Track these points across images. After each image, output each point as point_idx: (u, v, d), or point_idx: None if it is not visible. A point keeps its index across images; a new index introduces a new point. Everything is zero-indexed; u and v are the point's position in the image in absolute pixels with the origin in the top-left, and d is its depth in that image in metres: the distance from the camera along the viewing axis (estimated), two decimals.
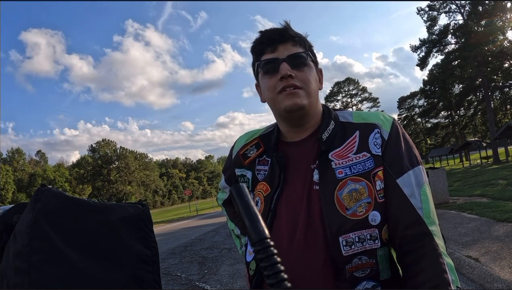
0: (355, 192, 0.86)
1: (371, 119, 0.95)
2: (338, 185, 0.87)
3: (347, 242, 0.83)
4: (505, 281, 3.89)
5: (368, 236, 0.84)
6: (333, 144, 0.93)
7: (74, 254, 0.70)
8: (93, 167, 78.65)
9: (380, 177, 0.88)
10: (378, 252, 0.84)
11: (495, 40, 30.95)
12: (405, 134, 0.96)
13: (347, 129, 0.95)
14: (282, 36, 0.94)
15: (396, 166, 0.89)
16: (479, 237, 5.87)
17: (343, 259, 0.83)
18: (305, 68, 0.94)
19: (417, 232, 0.83)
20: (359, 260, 0.83)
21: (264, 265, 0.41)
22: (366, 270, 0.84)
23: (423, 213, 0.85)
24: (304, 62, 0.94)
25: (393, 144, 0.91)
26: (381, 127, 0.93)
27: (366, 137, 0.92)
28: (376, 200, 0.86)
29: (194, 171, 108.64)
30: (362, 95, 60.31)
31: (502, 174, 16.79)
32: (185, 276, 6.62)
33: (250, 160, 1.06)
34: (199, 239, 11.77)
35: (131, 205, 0.82)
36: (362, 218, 0.84)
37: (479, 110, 43.32)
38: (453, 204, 9.46)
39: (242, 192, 0.46)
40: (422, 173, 0.90)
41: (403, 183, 0.87)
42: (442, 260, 0.79)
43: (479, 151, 36.84)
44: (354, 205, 0.85)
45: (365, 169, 0.88)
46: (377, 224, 0.85)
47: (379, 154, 0.90)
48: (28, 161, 78.06)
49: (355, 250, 0.83)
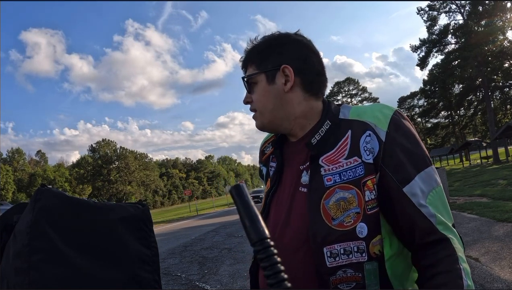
0: (343, 201, 0.81)
1: (365, 116, 0.87)
2: (325, 193, 0.83)
3: (331, 253, 0.80)
4: (505, 281, 3.89)
5: (355, 249, 0.80)
6: (325, 146, 0.88)
7: (74, 254, 0.70)
8: (93, 167, 78.66)
9: (370, 188, 0.82)
10: (365, 266, 0.80)
11: (495, 40, 30.95)
12: (409, 129, 0.87)
13: (342, 128, 0.89)
14: (243, 64, 0.98)
15: (401, 173, 0.82)
16: (479, 237, 5.87)
17: (327, 270, 0.80)
18: (255, 88, 0.94)
19: (433, 240, 0.80)
20: (343, 273, 0.80)
21: (264, 265, 0.41)
22: (351, 284, 0.80)
23: (436, 220, 0.80)
24: (251, 83, 0.95)
25: (393, 147, 0.83)
26: (375, 127, 0.85)
27: (357, 140, 0.85)
28: (365, 211, 0.81)
29: (194, 171, 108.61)
30: (362, 95, 60.34)
31: (502, 174, 16.78)
32: (185, 276, 6.61)
33: (266, 157, 1.07)
34: (199, 239, 11.77)
35: (131, 205, 0.82)
36: (349, 229, 0.80)
37: (479, 110, 43.30)
38: (453, 204, 9.45)
39: (242, 192, 0.45)
40: (432, 175, 0.83)
41: (411, 193, 0.81)
42: (458, 265, 0.76)
43: (479, 151, 36.84)
44: (342, 215, 0.81)
45: (355, 176, 0.82)
46: (364, 237, 0.80)
47: (370, 161, 0.82)
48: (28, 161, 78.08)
49: (340, 262, 0.80)
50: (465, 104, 44.16)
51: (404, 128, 0.86)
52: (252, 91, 0.95)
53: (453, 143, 50.81)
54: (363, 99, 59.86)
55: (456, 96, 42.57)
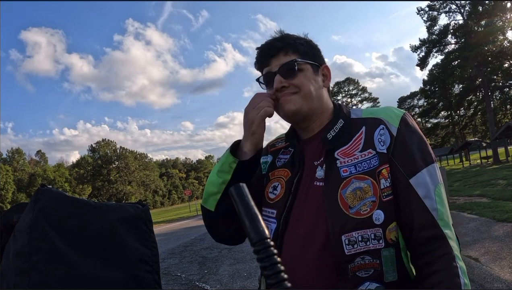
0: (360, 190, 0.85)
1: (378, 114, 0.95)
2: (342, 183, 0.87)
3: (349, 241, 0.83)
4: (505, 281, 3.89)
5: (372, 236, 0.83)
6: (340, 142, 0.93)
7: (74, 254, 0.70)
8: (93, 167, 78.65)
9: (385, 176, 0.87)
10: (382, 253, 0.83)
11: (495, 40, 30.96)
12: (417, 129, 0.93)
13: (355, 126, 0.95)
14: (272, 50, 0.98)
15: (409, 165, 0.87)
16: (479, 237, 5.87)
17: (346, 257, 0.83)
18: (297, 74, 0.96)
19: (431, 235, 0.83)
20: (362, 260, 0.83)
21: (264, 265, 0.41)
22: (369, 271, 0.83)
23: (437, 215, 0.83)
24: (294, 69, 0.96)
25: (403, 141, 0.89)
26: (387, 123, 0.91)
27: (371, 133, 0.91)
28: (381, 199, 0.85)
29: (194, 171, 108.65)
30: (362, 95, 60.30)
31: (502, 174, 16.78)
32: (185, 276, 6.62)
33: (276, 149, 1.11)
34: (199, 239, 11.77)
35: (131, 205, 0.82)
36: (366, 217, 0.84)
37: (479, 110, 43.32)
38: (453, 204, 9.46)
39: (242, 192, 0.45)
40: (437, 172, 0.88)
41: (417, 184, 0.85)
42: (455, 263, 0.79)
43: (479, 151, 36.84)
44: (358, 204, 0.84)
45: (370, 167, 0.87)
46: (380, 223, 0.84)
47: (383, 151, 0.88)
48: (28, 161, 78.10)
49: (358, 249, 0.82)
50: (465, 104, 44.17)
51: (413, 127, 0.93)
52: (291, 77, 0.96)
53: (453, 143, 50.83)
54: (363, 99, 59.85)
55: (456, 96, 42.59)
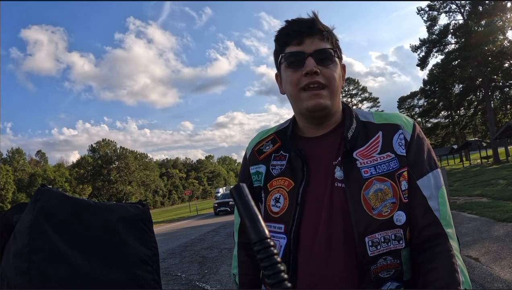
0: (380, 192, 0.86)
1: (394, 119, 0.96)
2: (365, 184, 0.87)
3: (373, 242, 0.84)
4: (505, 281, 3.89)
5: (392, 237, 0.85)
6: (357, 143, 0.92)
7: (74, 254, 0.70)
8: (93, 167, 78.60)
9: (405, 178, 0.89)
10: (402, 253, 0.85)
11: (495, 40, 30.96)
12: (425, 137, 0.97)
13: (369, 129, 0.95)
14: (310, 29, 0.90)
15: (417, 168, 0.90)
16: (479, 237, 5.87)
17: (369, 259, 0.83)
18: (331, 64, 0.91)
19: (433, 233, 0.85)
20: (384, 261, 0.84)
21: (264, 265, 0.41)
22: (390, 271, 0.84)
23: (440, 215, 0.86)
24: (330, 58, 0.91)
25: (415, 146, 0.92)
26: (403, 128, 0.94)
27: (390, 138, 0.92)
28: (401, 200, 0.87)
29: (194, 171, 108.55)
30: (362, 95, 60.25)
31: (502, 174, 16.78)
32: (185, 276, 6.62)
33: (266, 155, 1.02)
34: (199, 239, 11.77)
35: (131, 205, 0.82)
36: (387, 219, 0.85)
37: (479, 110, 43.28)
38: (453, 204, 9.46)
39: (242, 192, 0.46)
40: (440, 176, 0.92)
41: (423, 185, 0.88)
42: (455, 260, 0.81)
43: (479, 151, 36.82)
44: (380, 205, 0.85)
45: (389, 169, 0.88)
46: (402, 224, 0.86)
47: (404, 154, 0.90)
48: (28, 161, 78.08)
49: (381, 250, 0.83)
50: (465, 104, 44.15)
51: (423, 135, 0.97)
52: (325, 66, 0.90)
53: (453, 143, 50.79)
54: (363, 99, 59.77)
55: (456, 96, 42.58)
